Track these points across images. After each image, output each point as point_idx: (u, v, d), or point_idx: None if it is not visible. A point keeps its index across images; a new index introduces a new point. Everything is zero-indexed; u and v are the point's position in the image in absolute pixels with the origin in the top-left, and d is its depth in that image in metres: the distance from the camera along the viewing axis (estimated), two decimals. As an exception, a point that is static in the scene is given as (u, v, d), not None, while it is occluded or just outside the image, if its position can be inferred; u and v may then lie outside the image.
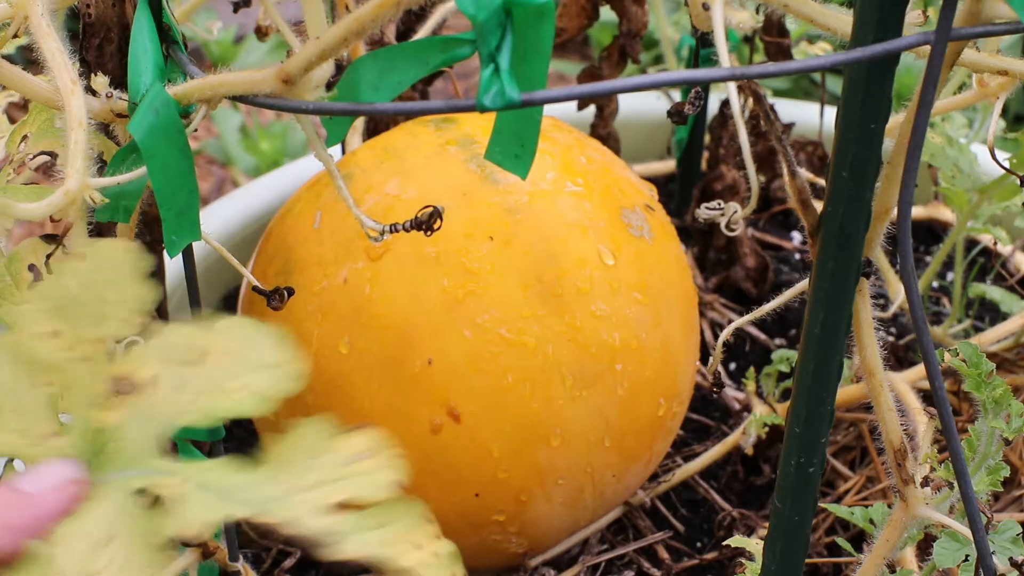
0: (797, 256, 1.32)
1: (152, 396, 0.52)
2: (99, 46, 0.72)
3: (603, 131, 1.23)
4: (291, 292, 0.76)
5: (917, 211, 1.34)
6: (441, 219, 0.71)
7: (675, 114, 0.65)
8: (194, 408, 0.52)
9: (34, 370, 0.53)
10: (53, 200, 0.58)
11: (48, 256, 0.67)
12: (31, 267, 0.64)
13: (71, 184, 0.58)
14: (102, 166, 0.67)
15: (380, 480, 0.50)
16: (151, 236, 0.84)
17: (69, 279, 0.52)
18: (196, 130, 0.64)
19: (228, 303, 1.26)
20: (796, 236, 1.35)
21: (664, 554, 1.00)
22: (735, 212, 0.64)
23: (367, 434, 0.50)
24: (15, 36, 0.61)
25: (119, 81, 0.67)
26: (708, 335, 1.19)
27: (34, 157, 0.69)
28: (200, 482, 0.51)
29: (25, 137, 0.70)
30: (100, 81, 0.64)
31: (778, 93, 1.81)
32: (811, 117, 1.35)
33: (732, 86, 0.55)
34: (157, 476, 0.51)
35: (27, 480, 0.51)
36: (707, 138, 1.28)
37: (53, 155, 0.71)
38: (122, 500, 0.50)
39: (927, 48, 0.50)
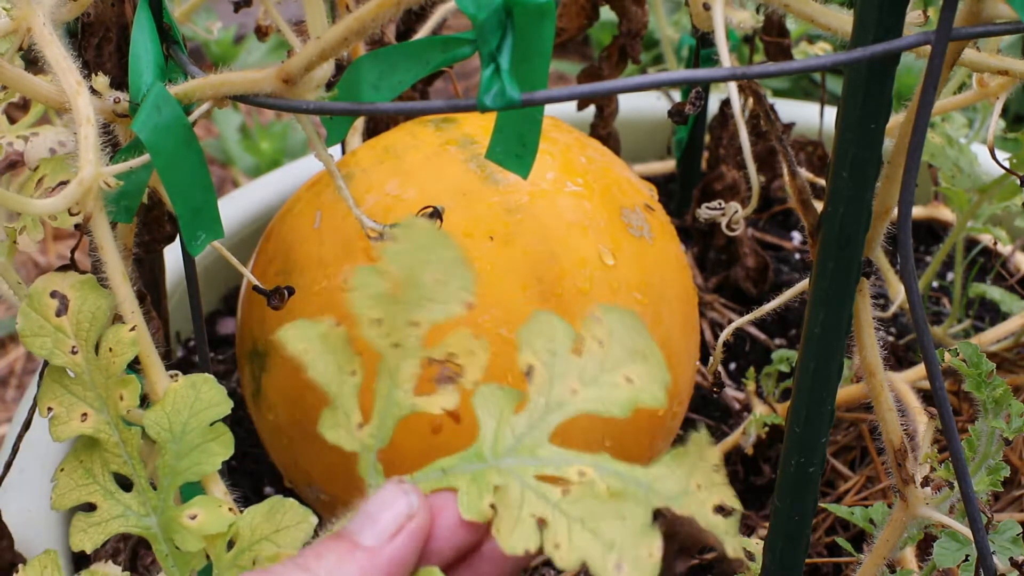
0: (797, 256, 1.32)
1: (531, 386, 0.53)
2: (98, 45, 0.72)
3: (603, 131, 1.23)
4: (291, 292, 0.76)
5: (917, 211, 1.34)
6: (441, 219, 0.71)
7: (676, 114, 0.65)
8: (584, 399, 0.53)
9: (343, 360, 0.53)
10: (69, 191, 0.59)
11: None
12: (53, 294, 0.64)
13: (85, 173, 0.59)
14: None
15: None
16: (150, 236, 0.84)
17: (388, 264, 0.52)
18: (194, 127, 0.64)
19: (228, 303, 1.26)
20: (796, 236, 1.35)
21: (664, 554, 1.00)
22: (736, 212, 0.64)
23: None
24: (20, 48, 0.62)
25: (118, 81, 0.67)
26: (708, 335, 1.19)
27: (55, 188, 0.71)
28: (604, 471, 0.52)
29: (41, 180, 0.71)
30: (101, 82, 0.64)
31: (778, 93, 1.81)
32: (811, 117, 1.36)
33: (732, 86, 0.55)
34: (555, 465, 0.52)
35: (365, 528, 0.51)
36: (707, 138, 1.28)
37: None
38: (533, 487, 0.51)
39: (927, 48, 0.50)
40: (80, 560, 0.92)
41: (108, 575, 0.66)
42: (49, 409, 0.64)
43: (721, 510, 0.50)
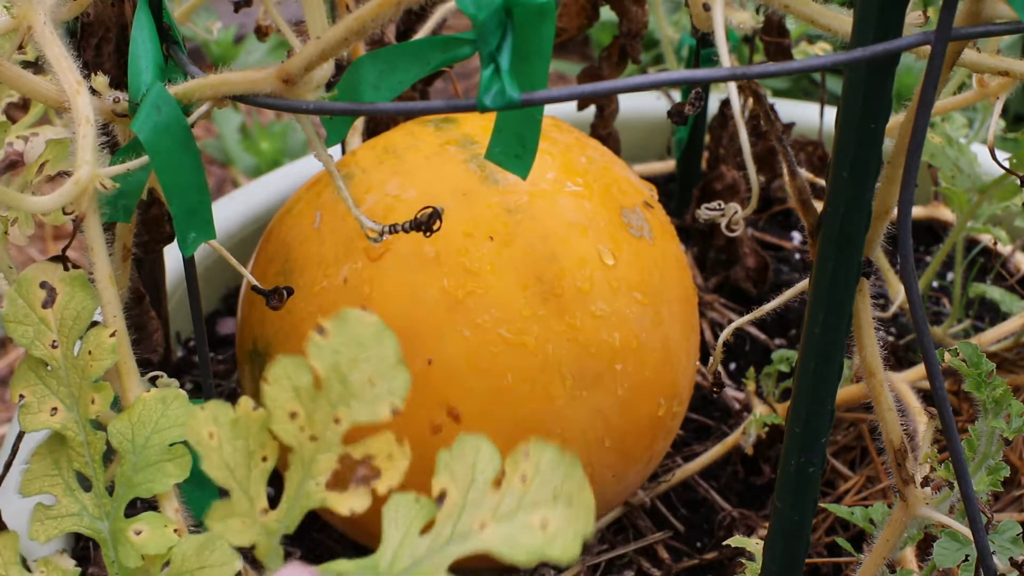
0: (797, 256, 1.32)
1: (440, 512, 0.51)
2: (97, 46, 0.72)
3: (603, 131, 1.23)
4: (291, 292, 0.76)
5: (917, 211, 1.34)
6: (440, 220, 0.71)
7: (676, 114, 0.65)
8: (490, 535, 0.51)
9: (254, 445, 0.53)
10: (64, 190, 0.59)
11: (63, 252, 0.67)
12: (43, 284, 0.64)
13: (82, 173, 0.59)
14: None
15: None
16: (149, 236, 0.84)
17: (314, 359, 0.51)
18: (193, 127, 0.64)
19: (228, 303, 1.26)
20: (796, 236, 1.35)
21: (664, 554, 1.00)
22: (736, 213, 0.64)
23: None
24: (20, 47, 0.62)
25: (117, 80, 0.67)
26: (708, 335, 1.19)
27: (54, 176, 0.70)
28: None
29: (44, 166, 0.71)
30: (100, 81, 0.64)
31: (778, 93, 1.81)
32: (811, 117, 1.36)
33: (733, 86, 0.55)
34: None
35: None
36: (707, 138, 1.28)
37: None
38: None
39: (927, 48, 0.50)
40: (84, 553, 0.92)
41: (61, 568, 0.66)
42: (21, 396, 0.64)
43: None
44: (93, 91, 0.65)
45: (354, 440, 0.52)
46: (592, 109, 1.24)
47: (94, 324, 0.65)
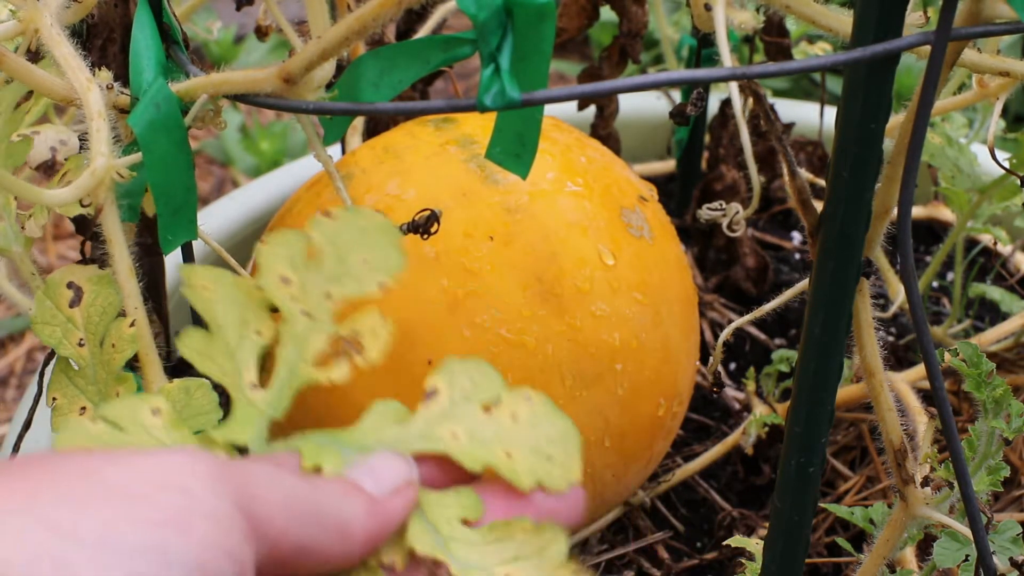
0: (797, 256, 1.32)
1: (423, 405, 0.52)
2: (102, 46, 0.73)
3: (603, 131, 1.23)
4: (291, 292, 0.76)
5: (917, 211, 1.34)
6: (438, 223, 0.71)
7: (677, 115, 0.65)
8: (459, 449, 0.51)
9: (250, 315, 0.52)
10: (81, 182, 0.59)
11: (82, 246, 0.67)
12: (70, 285, 0.65)
13: (97, 164, 0.59)
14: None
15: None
16: (152, 238, 0.84)
17: (314, 231, 0.51)
18: (191, 127, 0.65)
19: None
20: (796, 236, 1.35)
21: (664, 554, 1.00)
22: (737, 213, 0.64)
23: None
24: (28, 49, 0.62)
25: (123, 81, 0.67)
26: (708, 335, 1.19)
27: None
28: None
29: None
30: (105, 75, 0.65)
31: (778, 93, 1.81)
32: (811, 117, 1.36)
33: (734, 86, 0.55)
34: None
35: (366, 477, 0.49)
36: (707, 138, 1.28)
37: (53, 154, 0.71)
38: None
39: (927, 48, 0.50)
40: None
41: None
42: (53, 399, 0.64)
43: None
44: (101, 87, 0.65)
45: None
46: (592, 109, 1.24)
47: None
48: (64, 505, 0.39)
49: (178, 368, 1.15)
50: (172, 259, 0.98)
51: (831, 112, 1.32)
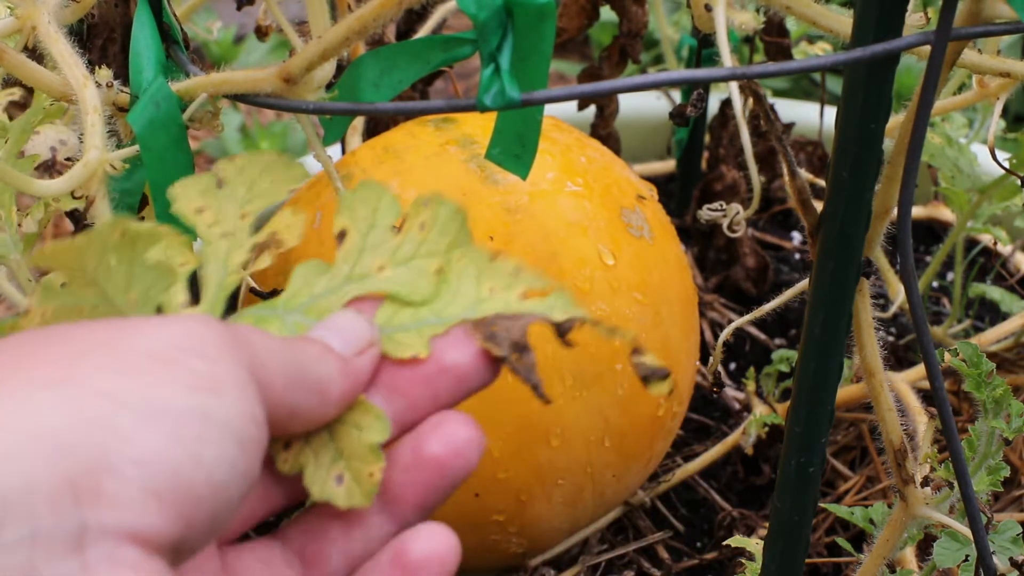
0: (797, 256, 1.32)
1: (340, 251, 0.53)
2: (102, 46, 0.73)
3: (603, 131, 1.23)
4: (291, 292, 0.76)
5: (917, 211, 1.34)
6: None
7: (677, 115, 0.65)
8: (386, 280, 0.53)
9: (171, 252, 0.53)
10: (74, 173, 0.59)
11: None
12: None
13: (91, 156, 0.59)
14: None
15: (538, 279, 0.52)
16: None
17: (221, 168, 0.53)
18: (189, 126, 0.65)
19: (228, 303, 1.26)
20: (796, 236, 1.35)
21: (664, 554, 1.00)
22: (737, 213, 0.64)
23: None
24: (26, 47, 0.62)
25: (124, 80, 0.67)
26: (708, 335, 1.19)
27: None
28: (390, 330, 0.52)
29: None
30: (104, 73, 0.65)
31: (778, 93, 1.81)
32: (811, 117, 1.36)
33: (734, 86, 0.55)
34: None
35: (334, 337, 0.50)
36: (707, 138, 1.28)
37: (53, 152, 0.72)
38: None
39: (927, 48, 0.50)
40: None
41: None
42: None
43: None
44: (96, 85, 0.65)
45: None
46: (592, 109, 1.24)
47: None
48: (106, 373, 0.40)
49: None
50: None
51: (831, 112, 1.32)
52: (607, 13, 1.17)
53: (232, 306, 1.29)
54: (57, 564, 0.37)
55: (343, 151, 1.08)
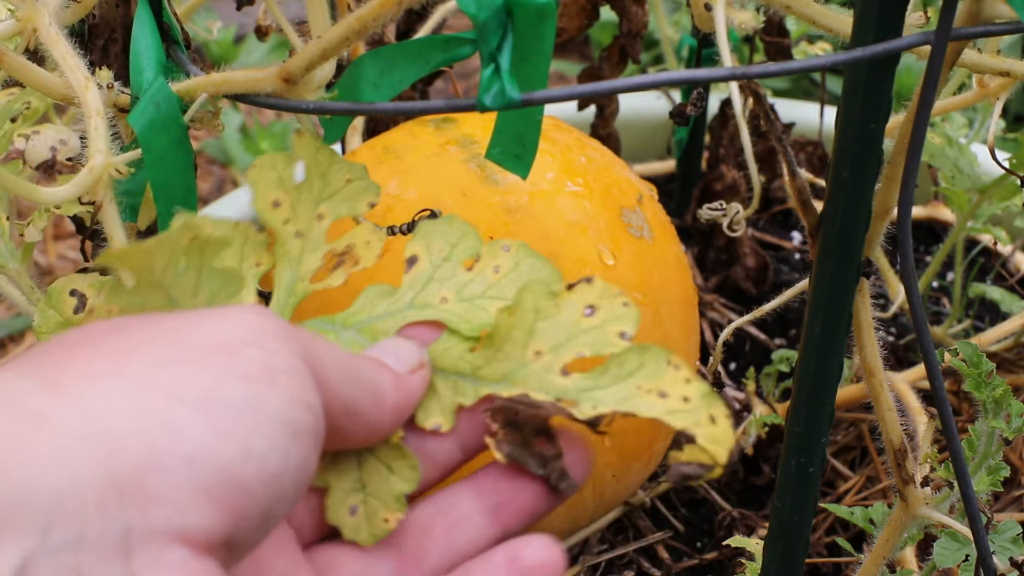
0: (797, 256, 1.32)
1: (407, 275, 0.53)
2: (103, 47, 0.73)
3: (603, 131, 1.23)
4: (291, 292, 0.76)
5: (917, 211, 1.34)
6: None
7: (677, 115, 0.65)
8: (445, 312, 0.52)
9: (248, 251, 0.53)
10: (80, 179, 0.59)
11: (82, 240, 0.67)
12: (73, 292, 0.65)
13: (96, 161, 0.59)
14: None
15: (610, 332, 0.49)
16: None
17: (297, 153, 0.52)
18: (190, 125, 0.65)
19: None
20: (796, 236, 1.35)
21: (664, 554, 1.00)
22: (737, 213, 0.64)
23: (589, 288, 0.50)
24: (27, 49, 0.62)
25: (125, 80, 0.67)
26: (708, 335, 1.19)
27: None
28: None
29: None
30: (105, 74, 0.65)
31: (778, 93, 1.81)
32: (811, 117, 1.35)
33: (734, 86, 0.55)
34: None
35: (387, 356, 0.51)
36: (707, 138, 1.28)
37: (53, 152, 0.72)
38: None
39: (927, 48, 0.50)
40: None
41: None
42: None
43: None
44: (99, 86, 0.65)
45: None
46: (592, 109, 1.24)
47: None
48: (160, 365, 0.40)
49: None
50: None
51: (831, 112, 1.32)
52: (607, 13, 1.17)
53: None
54: (103, 569, 0.37)
55: (343, 151, 1.08)
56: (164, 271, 0.46)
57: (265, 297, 0.54)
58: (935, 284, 1.29)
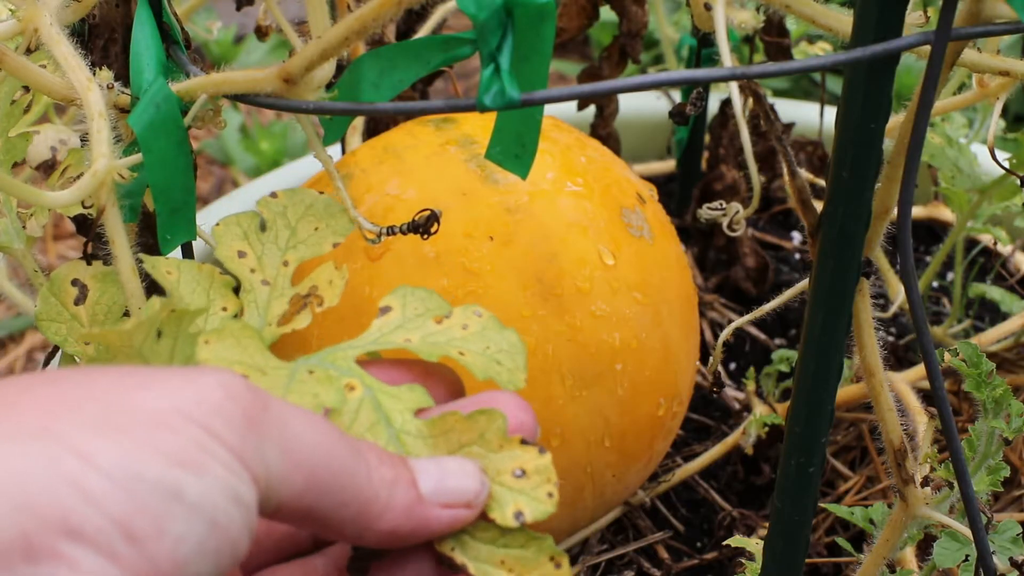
0: (797, 256, 1.32)
1: (377, 320, 0.54)
2: (104, 47, 0.73)
3: (603, 131, 1.23)
4: (291, 292, 0.76)
5: (917, 211, 1.34)
6: (438, 223, 0.71)
7: (677, 115, 0.65)
8: (406, 347, 0.53)
9: (215, 294, 0.54)
10: (83, 183, 0.59)
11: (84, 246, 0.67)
12: (74, 282, 0.65)
13: (99, 165, 0.59)
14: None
15: (510, 512, 0.50)
16: (153, 239, 0.84)
17: (263, 209, 0.53)
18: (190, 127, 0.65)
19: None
20: (796, 236, 1.35)
21: (664, 554, 1.00)
22: (737, 213, 0.64)
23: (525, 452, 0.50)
24: (28, 48, 0.62)
25: (125, 81, 0.67)
26: (708, 335, 1.19)
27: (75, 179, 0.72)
28: (367, 396, 0.51)
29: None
30: (105, 74, 0.65)
31: (778, 93, 1.81)
32: (811, 117, 1.36)
33: (734, 86, 0.55)
34: (339, 371, 0.52)
35: (429, 473, 0.48)
36: (707, 138, 1.28)
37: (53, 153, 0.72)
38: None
39: (927, 48, 0.50)
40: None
41: None
42: None
43: None
44: (99, 86, 0.65)
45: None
46: (592, 109, 1.24)
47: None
48: (89, 430, 0.39)
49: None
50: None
51: (831, 112, 1.32)
52: (607, 13, 1.17)
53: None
54: None
55: (343, 151, 1.08)
56: (142, 344, 0.47)
57: None
58: (935, 284, 1.29)
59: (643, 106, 1.40)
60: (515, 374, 0.53)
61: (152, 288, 0.92)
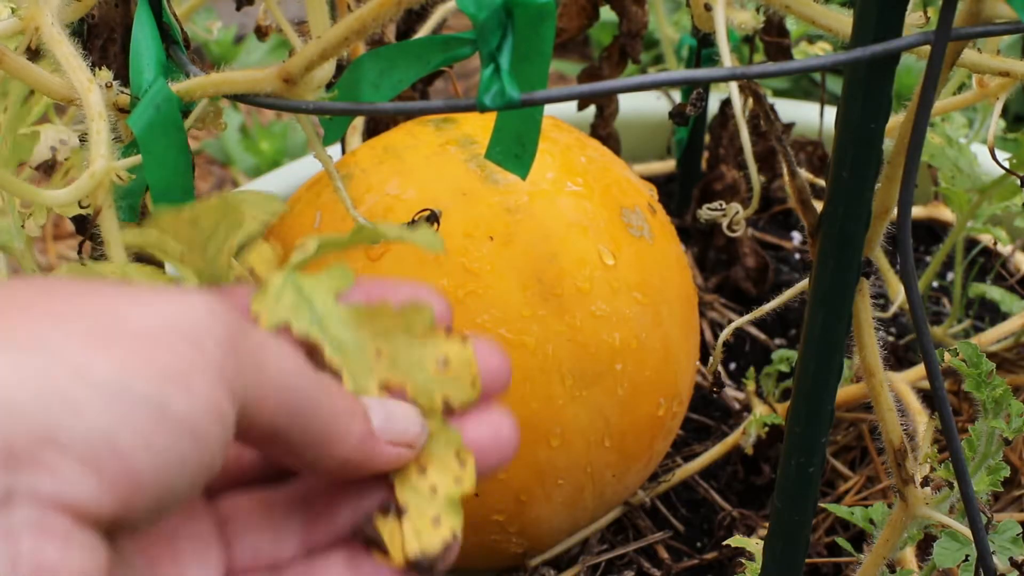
0: (797, 256, 1.32)
1: None
2: (103, 47, 0.73)
3: (603, 131, 1.23)
4: (291, 292, 0.76)
5: (917, 211, 1.34)
6: (438, 223, 0.71)
7: (677, 115, 0.65)
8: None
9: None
10: (80, 183, 0.59)
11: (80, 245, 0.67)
12: None
13: (97, 166, 0.59)
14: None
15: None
16: (152, 237, 0.84)
17: (195, 210, 0.53)
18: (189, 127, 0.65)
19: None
20: (796, 236, 1.35)
21: (664, 554, 1.00)
22: (737, 212, 0.64)
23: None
24: (29, 47, 0.62)
25: (124, 81, 0.67)
26: (708, 335, 1.18)
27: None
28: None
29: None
30: (104, 74, 0.65)
31: (778, 93, 1.81)
32: (811, 117, 1.35)
33: (734, 86, 0.55)
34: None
35: (379, 411, 0.49)
36: (707, 138, 1.28)
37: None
38: None
39: (927, 48, 0.50)
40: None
41: None
42: None
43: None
44: (100, 86, 0.65)
45: None
46: (592, 109, 1.24)
47: None
48: (81, 342, 0.40)
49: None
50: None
51: (831, 112, 1.32)
52: (607, 13, 1.17)
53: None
54: None
55: (343, 151, 1.08)
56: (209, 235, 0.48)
57: None
58: (935, 284, 1.29)
59: (643, 106, 1.40)
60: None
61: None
